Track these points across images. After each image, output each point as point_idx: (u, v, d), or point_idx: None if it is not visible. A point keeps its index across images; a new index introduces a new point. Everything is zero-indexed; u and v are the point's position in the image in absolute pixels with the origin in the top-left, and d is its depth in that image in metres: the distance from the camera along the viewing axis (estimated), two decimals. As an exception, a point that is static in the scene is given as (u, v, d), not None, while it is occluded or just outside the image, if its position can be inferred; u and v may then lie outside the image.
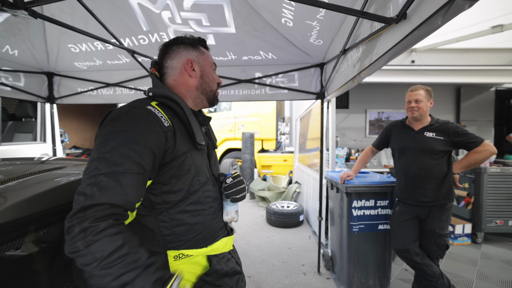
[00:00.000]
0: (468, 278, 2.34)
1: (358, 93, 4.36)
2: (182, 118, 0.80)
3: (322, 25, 1.73)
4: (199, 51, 0.90)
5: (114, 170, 0.60)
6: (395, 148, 2.00)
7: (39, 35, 2.24)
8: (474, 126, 4.43)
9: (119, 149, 0.63)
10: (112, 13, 1.93)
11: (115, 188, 0.59)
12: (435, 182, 1.80)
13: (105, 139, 0.65)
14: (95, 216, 0.55)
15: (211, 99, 0.94)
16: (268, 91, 2.49)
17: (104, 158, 0.62)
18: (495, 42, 3.12)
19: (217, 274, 0.84)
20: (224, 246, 0.90)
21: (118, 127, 0.67)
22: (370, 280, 2.17)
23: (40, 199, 0.81)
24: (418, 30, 0.90)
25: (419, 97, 1.85)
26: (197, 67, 0.88)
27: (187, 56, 0.88)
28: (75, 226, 0.54)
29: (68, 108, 5.06)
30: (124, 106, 0.73)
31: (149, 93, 0.81)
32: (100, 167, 0.60)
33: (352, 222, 2.12)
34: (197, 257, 0.82)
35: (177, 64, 0.87)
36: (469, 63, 3.31)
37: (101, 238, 0.54)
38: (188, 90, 0.88)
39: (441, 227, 1.80)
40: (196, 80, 0.89)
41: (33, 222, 0.73)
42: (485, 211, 3.02)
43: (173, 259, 0.78)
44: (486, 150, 1.73)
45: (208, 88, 0.91)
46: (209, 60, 0.93)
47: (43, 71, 2.64)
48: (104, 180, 0.59)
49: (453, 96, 4.44)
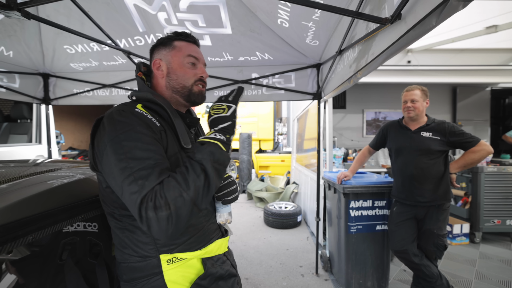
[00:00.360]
0: (467, 279, 2.34)
1: (355, 93, 4.37)
2: (167, 121, 0.79)
3: (318, 25, 1.73)
4: (170, 47, 0.85)
5: (147, 164, 0.64)
6: (392, 148, 2.00)
7: (35, 36, 2.23)
8: (471, 125, 4.45)
9: (137, 145, 0.65)
10: (108, 14, 1.93)
11: (154, 174, 0.63)
12: (433, 182, 1.80)
13: (118, 142, 0.65)
14: (149, 194, 0.60)
15: (186, 96, 0.85)
16: (264, 92, 2.48)
17: (129, 158, 0.63)
18: (490, 43, 3.15)
19: (212, 278, 0.83)
20: (219, 248, 0.89)
21: (122, 128, 0.67)
22: (369, 282, 2.16)
23: (31, 203, 0.80)
24: (413, 31, 0.90)
25: (415, 97, 1.86)
26: (164, 65, 0.84)
27: (155, 57, 0.86)
28: (148, 213, 0.58)
29: (64, 109, 5.03)
30: (113, 111, 0.71)
31: (133, 97, 0.81)
32: (131, 166, 0.63)
33: (349, 222, 2.11)
34: (191, 260, 0.81)
35: (151, 67, 0.87)
36: (464, 63, 3.34)
37: (163, 190, 0.60)
38: (162, 91, 0.86)
39: (439, 227, 1.80)
40: (163, 79, 0.85)
41: (22, 227, 0.72)
42: (482, 211, 3.03)
43: (166, 263, 0.76)
44: (482, 149, 1.73)
45: (178, 85, 0.84)
46: (181, 53, 0.84)
47: (38, 72, 2.63)
48: (142, 173, 0.62)
49: (449, 96, 4.47)
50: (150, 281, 0.75)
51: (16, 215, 0.72)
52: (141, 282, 0.75)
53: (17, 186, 0.88)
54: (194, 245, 0.81)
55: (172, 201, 0.59)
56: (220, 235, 0.92)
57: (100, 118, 0.74)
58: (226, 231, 0.99)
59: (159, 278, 0.75)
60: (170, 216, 0.59)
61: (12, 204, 0.73)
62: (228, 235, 0.98)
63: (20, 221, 0.70)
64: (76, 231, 1.13)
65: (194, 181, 0.63)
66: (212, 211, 0.90)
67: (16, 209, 0.73)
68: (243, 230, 3.71)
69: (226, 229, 1.00)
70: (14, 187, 0.86)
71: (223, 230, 0.98)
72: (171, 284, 0.76)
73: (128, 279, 0.77)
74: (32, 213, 0.76)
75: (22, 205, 0.76)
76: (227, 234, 0.98)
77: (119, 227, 0.76)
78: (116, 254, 0.82)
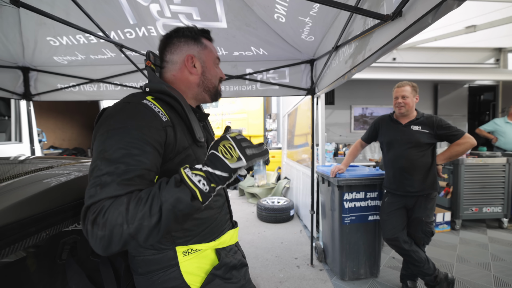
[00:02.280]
0: (449, 262, 2.51)
1: (344, 90, 4.48)
2: (181, 114, 0.78)
3: (314, 21, 1.75)
4: (201, 45, 0.85)
5: (116, 169, 0.58)
6: (384, 142, 2.08)
7: (13, 27, 2.09)
8: (450, 120, 4.62)
9: (119, 147, 0.60)
10: (97, 4, 1.84)
11: (115, 183, 0.58)
12: (421, 173, 1.89)
13: (103, 139, 0.62)
14: (97, 206, 0.55)
15: (213, 95, 0.89)
16: (259, 87, 2.49)
17: (105, 158, 0.59)
18: (469, 42, 3.34)
19: (226, 267, 0.84)
20: (231, 238, 0.91)
21: (114, 125, 0.63)
22: (362, 269, 2.25)
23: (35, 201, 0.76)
24: (411, 28, 0.93)
25: (406, 93, 1.94)
26: (198, 64, 0.83)
27: (187, 52, 0.83)
28: (87, 225, 0.54)
29: (43, 106, 4.74)
30: (119, 103, 0.70)
31: (146, 89, 0.78)
32: (102, 167, 0.58)
33: (343, 214, 2.18)
34: (206, 251, 0.82)
35: (177, 59, 0.83)
36: (445, 61, 3.52)
37: (109, 210, 0.54)
38: (188, 87, 0.85)
39: (427, 215, 1.91)
40: (197, 77, 0.84)
41: (22, 227, 0.69)
42: (462, 200, 3.23)
43: (182, 255, 0.77)
44: (466, 142, 1.85)
45: (211, 85, 0.87)
46: (212, 54, 0.87)
47: (17, 66, 2.46)
48: (105, 179, 0.57)
49: (431, 92, 4.68)
50: (166, 273, 0.76)
51: (24, 213, 0.69)
52: (157, 275, 0.75)
53: (19, 184, 0.84)
54: (208, 236, 0.82)
55: (109, 226, 0.53)
56: (230, 226, 0.94)
57: (106, 108, 0.72)
58: (236, 223, 1.01)
59: (175, 269, 0.76)
60: (104, 238, 0.53)
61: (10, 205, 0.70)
62: (237, 226, 0.99)
63: (32, 218, 0.68)
64: (77, 229, 1.09)
65: (142, 217, 0.54)
66: (223, 202, 0.91)
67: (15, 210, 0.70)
68: (237, 225, 3.72)
69: (236, 221, 1.02)
70: (10, 187, 0.82)
71: (234, 221, 0.99)
72: (187, 275, 0.77)
73: (144, 272, 0.77)
74: (39, 211, 0.73)
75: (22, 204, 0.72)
76: (236, 225, 1.00)
77: None
78: (129, 248, 0.81)
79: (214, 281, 0.80)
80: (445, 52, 3.46)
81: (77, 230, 1.09)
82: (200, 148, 0.83)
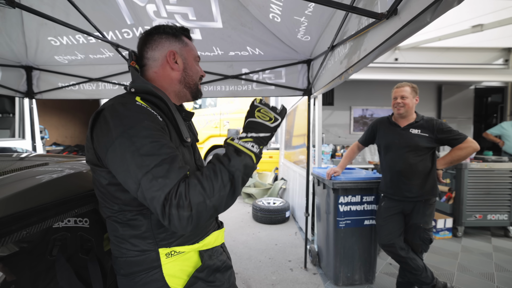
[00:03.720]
0: (449, 271, 2.43)
1: (343, 90, 4.42)
2: (167, 115, 0.78)
3: (310, 21, 1.73)
4: (182, 42, 0.86)
5: (162, 159, 0.63)
6: (381, 145, 2.03)
7: (17, 27, 2.14)
8: (454, 123, 4.58)
9: (148, 141, 0.64)
10: (95, 5, 1.87)
11: (173, 170, 0.64)
12: (420, 178, 1.84)
13: (127, 139, 0.63)
14: (173, 192, 0.61)
15: (194, 92, 0.90)
16: (255, 87, 2.48)
17: (142, 155, 0.63)
18: (475, 41, 3.24)
19: (209, 270, 0.83)
20: (216, 240, 0.89)
21: (130, 123, 0.65)
22: (356, 275, 2.20)
23: (22, 197, 0.77)
24: (407, 27, 0.90)
25: (405, 94, 1.89)
26: (179, 60, 0.84)
27: (169, 48, 0.83)
28: (171, 211, 0.59)
29: (47, 104, 4.86)
30: (115, 104, 0.69)
31: (131, 89, 0.78)
32: (146, 163, 0.62)
33: (338, 217, 2.14)
34: (188, 253, 0.81)
35: (158, 56, 0.83)
36: (450, 62, 3.42)
37: (188, 192, 0.61)
38: (170, 84, 0.85)
39: (425, 222, 1.85)
40: (179, 73, 0.84)
41: (15, 222, 0.69)
42: (465, 206, 3.13)
43: (165, 257, 0.76)
44: (469, 146, 1.79)
45: (192, 82, 0.87)
46: (193, 52, 0.88)
47: (21, 65, 2.53)
48: (160, 170, 0.62)
49: (435, 94, 4.57)
50: (148, 275, 0.75)
51: (9, 209, 0.69)
52: (139, 276, 0.75)
53: (7, 181, 0.85)
54: (192, 237, 0.81)
55: (194, 205, 0.61)
56: (216, 227, 0.93)
57: (99, 111, 0.70)
58: (221, 223, 0.99)
59: (157, 271, 0.75)
60: (191, 217, 0.60)
61: (5, 198, 0.71)
62: (223, 226, 0.98)
63: (13, 216, 0.68)
64: (67, 226, 1.10)
65: (220, 189, 0.64)
66: None
67: (8, 203, 0.70)
68: (232, 225, 3.71)
69: (221, 221, 1.00)
70: (4, 181, 0.83)
71: (219, 222, 0.98)
72: (170, 277, 0.76)
73: (126, 273, 0.77)
74: (24, 208, 0.74)
75: (15, 199, 0.73)
76: (222, 225, 0.98)
77: (119, 222, 0.74)
78: (112, 249, 0.81)
79: (196, 284, 0.79)
80: (450, 52, 3.37)
81: (67, 227, 1.10)
82: (185, 148, 0.83)
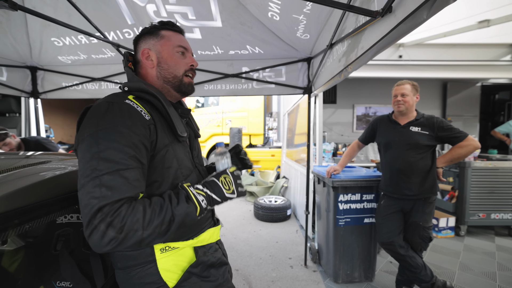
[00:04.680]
0: (450, 270, 2.41)
1: (346, 88, 4.37)
2: (161, 111, 0.79)
3: (308, 19, 1.72)
4: (157, 36, 0.84)
5: (117, 168, 0.62)
6: (381, 143, 2.02)
7: (21, 28, 2.19)
8: (460, 121, 4.50)
9: (113, 146, 0.63)
10: (96, 6, 1.89)
11: (124, 185, 0.62)
12: (420, 176, 1.83)
13: (95, 139, 0.63)
14: (113, 209, 0.59)
15: (177, 86, 0.86)
16: (255, 86, 2.48)
17: (101, 158, 0.61)
18: (482, 37, 3.17)
19: (204, 266, 0.85)
20: (211, 236, 0.91)
21: (104, 125, 0.65)
22: (356, 272, 2.21)
23: (25, 193, 0.80)
24: (404, 24, 0.90)
25: (405, 91, 1.87)
26: (153, 55, 0.83)
27: (143, 47, 0.84)
28: (100, 225, 0.57)
29: (53, 103, 4.96)
30: (102, 103, 0.71)
31: (125, 88, 0.79)
32: (100, 168, 0.61)
33: (338, 215, 2.15)
34: (183, 249, 0.82)
35: (139, 57, 0.85)
36: (455, 58, 3.35)
37: (128, 216, 0.60)
38: (153, 82, 0.85)
39: (425, 220, 1.84)
40: (154, 69, 0.84)
41: (17, 216, 0.73)
42: (468, 205, 3.09)
43: (159, 252, 0.78)
44: (469, 144, 1.76)
45: (169, 75, 0.84)
46: (171, 42, 0.85)
47: (26, 65, 2.58)
48: (109, 179, 0.60)
49: (440, 91, 4.49)
50: (143, 269, 0.77)
51: (12, 204, 0.72)
52: (135, 270, 0.77)
53: (11, 177, 0.88)
54: (187, 234, 0.83)
55: (126, 231, 0.59)
56: (212, 224, 0.95)
57: (89, 107, 0.73)
58: (218, 220, 1.01)
59: (152, 266, 0.77)
60: (116, 240, 0.58)
61: (8, 193, 0.74)
62: (220, 224, 1.00)
63: (16, 210, 0.71)
64: (70, 222, 1.15)
65: (156, 226, 0.63)
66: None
67: (11, 199, 0.73)
68: (233, 223, 3.73)
69: (218, 218, 1.02)
70: (8, 178, 0.86)
71: (215, 219, 1.00)
72: (164, 272, 0.78)
73: (122, 266, 0.79)
74: (27, 203, 0.77)
75: (19, 194, 0.76)
76: (218, 223, 1.00)
77: None
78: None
79: (190, 278, 0.81)
80: (456, 48, 3.29)
81: (71, 223, 1.14)
82: (181, 144, 0.84)
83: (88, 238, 0.58)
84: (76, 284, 1.01)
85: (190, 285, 0.81)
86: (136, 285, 0.77)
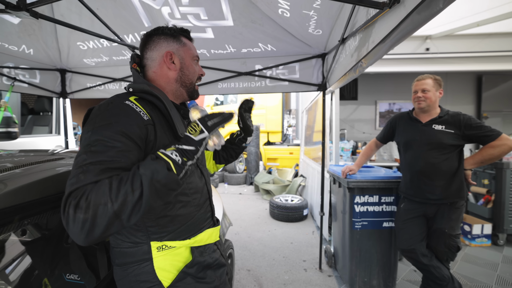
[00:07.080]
0: (486, 283, 2.18)
1: (367, 84, 4.16)
2: (163, 112, 0.80)
3: (319, 14, 1.68)
4: (180, 42, 0.89)
5: (101, 160, 0.61)
6: (400, 142, 1.89)
7: (51, 34, 2.36)
8: (498, 117, 4.07)
9: (103, 140, 0.64)
10: (116, 11, 1.99)
11: (100, 172, 0.60)
12: (444, 179, 1.68)
13: (89, 136, 0.66)
14: (80, 190, 0.57)
15: (190, 91, 0.92)
16: (268, 83, 2.45)
17: (90, 151, 0.63)
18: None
19: (199, 266, 0.84)
20: (209, 237, 0.90)
21: (99, 122, 0.67)
22: (374, 280, 2.08)
23: (39, 187, 0.85)
24: (418, 15, 0.83)
25: (426, 87, 1.73)
26: (176, 60, 0.87)
27: (166, 48, 0.86)
28: (69, 210, 0.54)
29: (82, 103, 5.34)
30: (103, 103, 0.74)
31: (129, 89, 0.81)
32: (87, 158, 0.61)
33: (354, 218, 2.04)
34: (180, 249, 0.82)
35: (156, 56, 0.86)
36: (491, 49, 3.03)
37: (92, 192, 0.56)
38: (167, 83, 0.88)
39: (451, 227, 1.68)
40: (175, 72, 0.87)
41: (31, 208, 0.77)
42: (507, 210, 2.78)
43: (156, 250, 0.79)
44: (503, 144, 1.58)
45: (188, 81, 0.90)
46: (191, 52, 0.91)
47: (56, 68, 2.79)
48: (89, 168, 0.60)
49: (474, 85, 4.10)
50: (140, 267, 0.78)
51: (26, 197, 0.77)
52: (132, 267, 0.79)
53: (28, 172, 0.93)
54: (184, 233, 0.83)
55: (93, 207, 0.54)
56: (211, 224, 0.94)
57: (92, 108, 0.76)
58: (217, 221, 1.00)
59: (148, 264, 0.78)
60: (86, 221, 0.53)
61: (23, 186, 0.78)
62: (219, 224, 0.99)
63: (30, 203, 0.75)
64: None
65: (125, 194, 0.57)
66: (204, 201, 0.91)
67: (27, 192, 0.78)
68: (248, 222, 3.71)
69: (218, 219, 1.01)
70: (26, 172, 0.91)
71: (215, 219, 0.99)
72: (160, 271, 0.79)
73: (120, 263, 0.81)
74: (41, 196, 0.81)
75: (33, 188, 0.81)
76: (218, 223, 0.99)
77: None
78: (110, 239, 0.85)
79: (185, 279, 0.81)
80: (491, 38, 2.97)
81: None
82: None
83: (67, 229, 0.55)
84: (82, 276, 1.05)
85: (184, 285, 0.81)
86: (132, 283, 0.78)
